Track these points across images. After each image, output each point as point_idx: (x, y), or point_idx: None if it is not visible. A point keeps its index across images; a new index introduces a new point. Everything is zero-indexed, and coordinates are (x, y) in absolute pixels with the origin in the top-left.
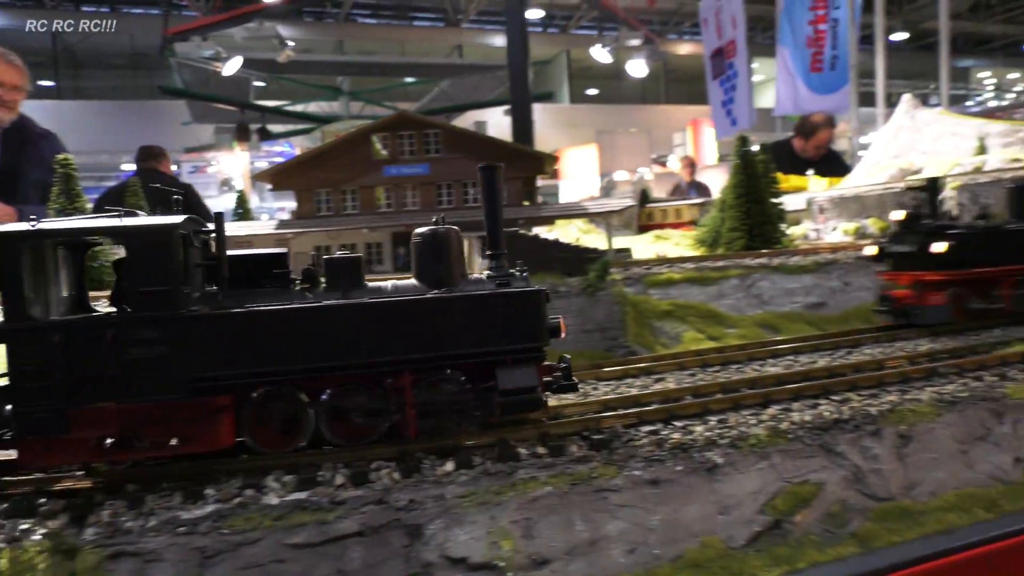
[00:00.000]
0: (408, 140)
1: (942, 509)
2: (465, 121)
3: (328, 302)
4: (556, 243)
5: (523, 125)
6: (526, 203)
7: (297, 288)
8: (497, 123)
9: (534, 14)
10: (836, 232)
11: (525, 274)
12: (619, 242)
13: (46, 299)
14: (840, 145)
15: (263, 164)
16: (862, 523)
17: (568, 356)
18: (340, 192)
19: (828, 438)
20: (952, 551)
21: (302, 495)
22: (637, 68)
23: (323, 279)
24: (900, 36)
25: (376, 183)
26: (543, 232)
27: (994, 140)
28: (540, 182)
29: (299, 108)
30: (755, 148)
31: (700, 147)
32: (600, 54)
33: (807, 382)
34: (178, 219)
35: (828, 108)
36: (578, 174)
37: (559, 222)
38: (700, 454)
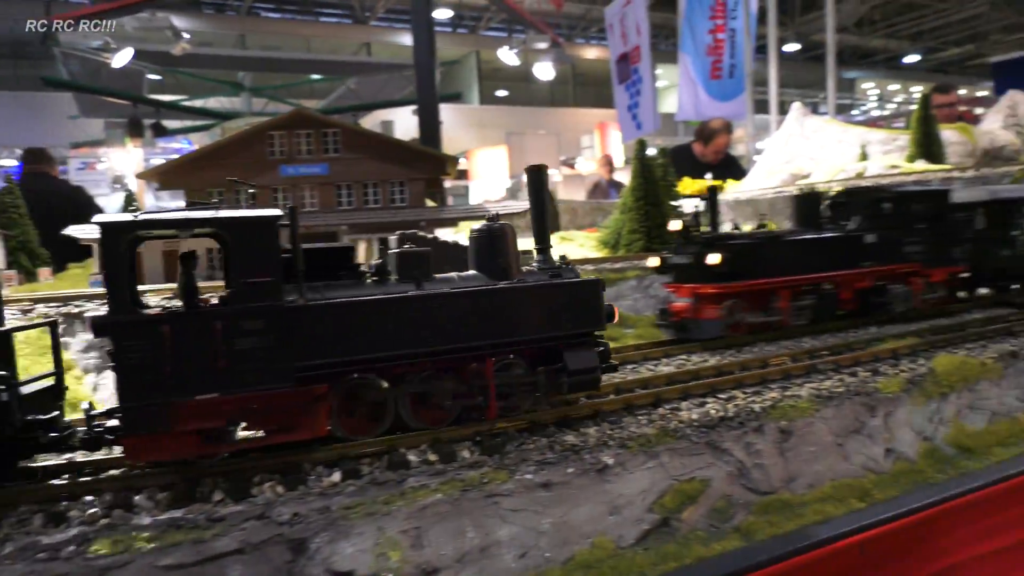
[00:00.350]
0: (306, 139)
1: (820, 500)
2: (372, 120)
3: (423, 292)
4: (456, 245)
5: (430, 125)
6: (430, 204)
7: (369, 280)
8: (405, 123)
9: (443, 14)
10: None
11: (570, 266)
12: (523, 243)
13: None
14: (738, 150)
15: (159, 161)
16: (745, 517)
17: (607, 341)
18: (234, 192)
19: (715, 435)
20: (827, 541)
21: (177, 513)
22: (544, 71)
23: (392, 272)
24: (793, 47)
25: (272, 183)
26: (448, 235)
27: (875, 147)
28: (448, 183)
29: (197, 104)
30: (652, 152)
31: (608, 150)
32: (507, 56)
33: (696, 381)
34: (276, 212)
35: (727, 114)
36: (488, 175)
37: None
38: (591, 455)
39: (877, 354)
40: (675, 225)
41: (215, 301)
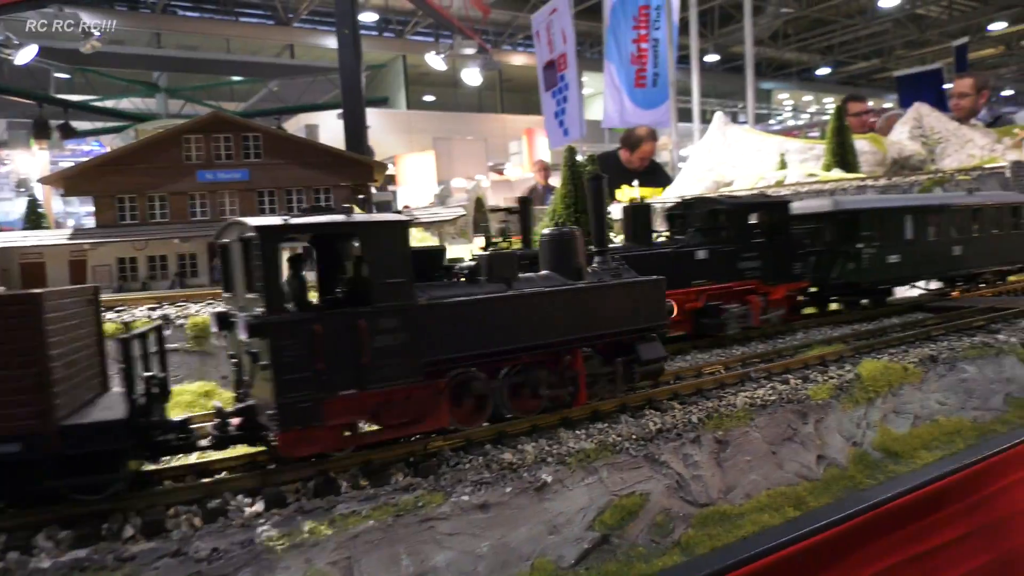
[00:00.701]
0: (225, 143)
1: (757, 510)
2: (296, 124)
3: (527, 290)
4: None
5: (356, 130)
6: (357, 212)
7: (463, 280)
8: (330, 127)
9: (368, 17)
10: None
11: (626, 267)
12: (453, 251)
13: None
14: (662, 157)
15: (68, 164)
16: (685, 531)
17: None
18: (146, 198)
19: (653, 448)
20: (766, 552)
21: (81, 553)
22: (472, 76)
23: (483, 273)
24: (712, 58)
25: (189, 189)
26: None
27: (792, 156)
28: (374, 189)
29: (109, 104)
30: (580, 158)
31: (535, 156)
32: (435, 61)
33: (632, 393)
34: (404, 216)
35: (651, 122)
36: (416, 180)
37: None
38: (530, 473)
39: (807, 361)
40: (479, 242)
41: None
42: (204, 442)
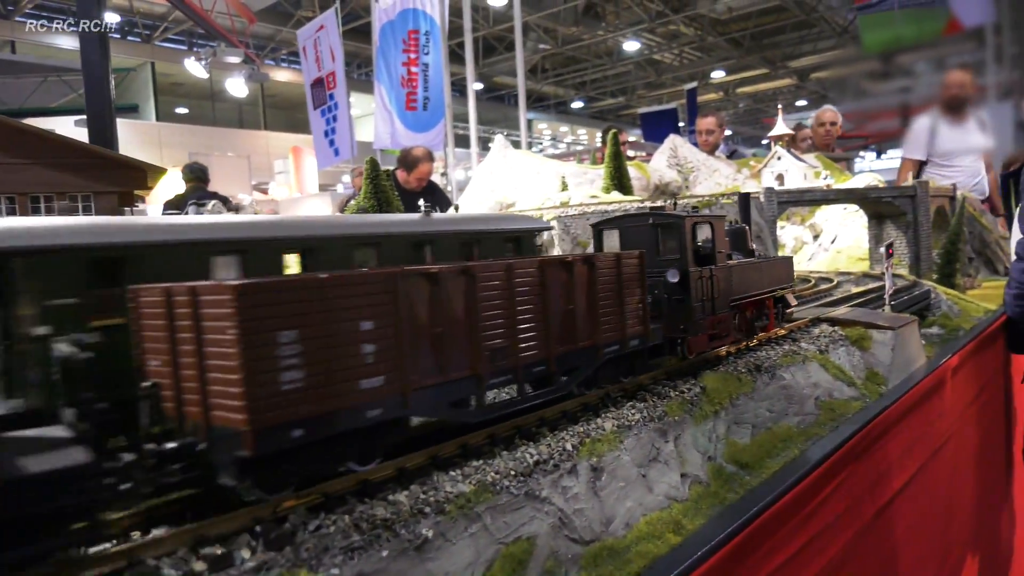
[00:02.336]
0: None
1: (640, 539)
2: None
3: (757, 260)
4: None
5: (104, 140)
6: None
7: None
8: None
9: (111, 18)
10: None
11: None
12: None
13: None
14: (436, 178)
15: None
16: (577, 573)
17: None
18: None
19: (532, 483)
20: None
21: None
22: (237, 87)
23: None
24: (477, 86)
25: None
26: None
27: (570, 179)
28: (147, 199)
29: None
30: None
31: (302, 175)
32: (196, 68)
33: (499, 423)
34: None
35: (423, 144)
36: (169, 197)
37: None
38: (407, 529)
39: (655, 377)
40: None
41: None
42: None
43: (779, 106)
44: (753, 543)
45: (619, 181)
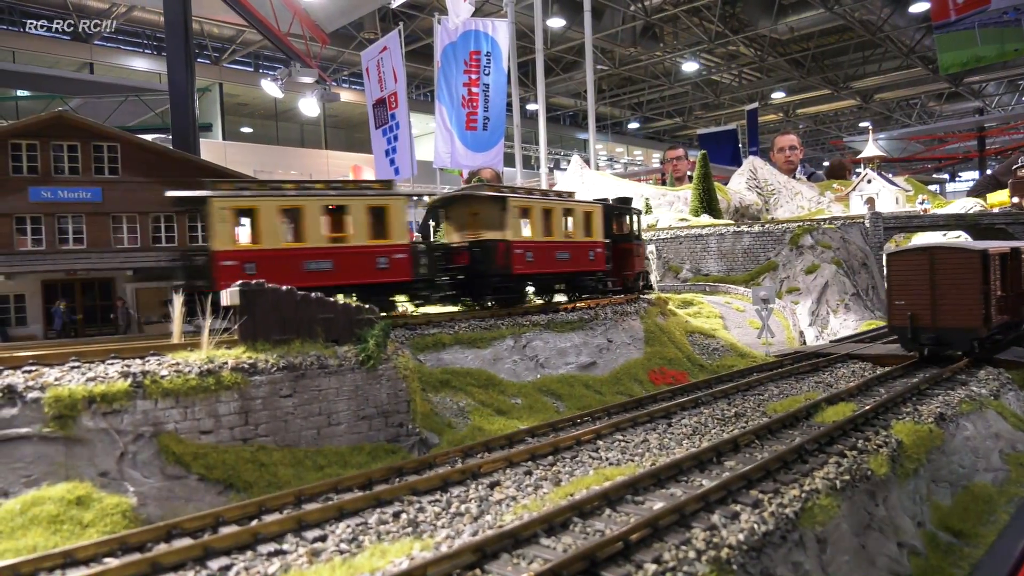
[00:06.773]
0: (70, 153)
1: None
2: None
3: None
4: (319, 300)
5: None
6: None
7: None
8: None
9: None
10: None
11: None
12: None
13: None
14: None
15: None
16: None
17: None
18: None
19: (766, 560)
20: None
21: None
22: (309, 106)
23: None
24: (533, 107)
25: (15, 210)
26: None
27: (652, 201)
28: None
29: None
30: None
31: None
32: (271, 87)
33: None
34: None
35: (482, 164)
36: None
37: None
38: None
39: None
40: None
41: None
42: None
43: (869, 126)
44: None
45: (708, 204)
